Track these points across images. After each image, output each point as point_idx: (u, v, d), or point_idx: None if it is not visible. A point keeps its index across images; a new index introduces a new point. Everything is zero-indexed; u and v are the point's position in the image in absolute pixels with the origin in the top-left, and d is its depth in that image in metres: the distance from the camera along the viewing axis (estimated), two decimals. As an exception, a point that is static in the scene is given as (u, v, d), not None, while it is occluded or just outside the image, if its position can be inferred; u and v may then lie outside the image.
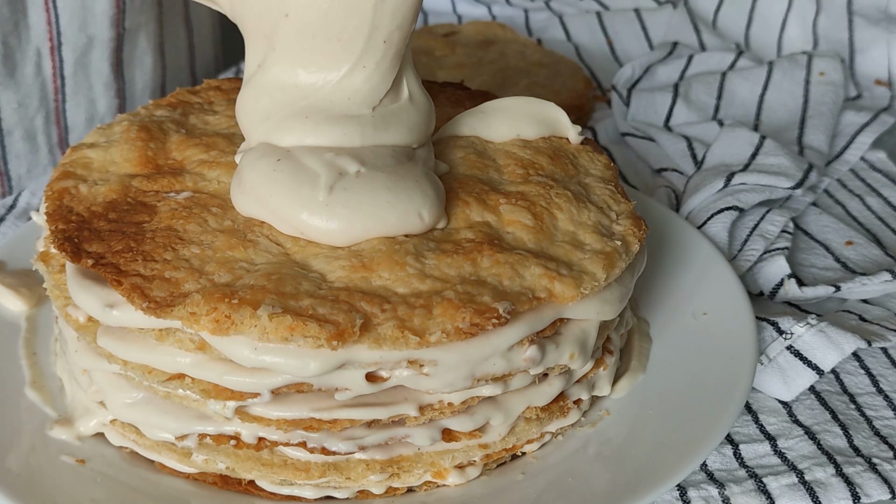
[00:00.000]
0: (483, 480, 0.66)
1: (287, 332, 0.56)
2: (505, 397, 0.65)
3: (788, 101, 1.10)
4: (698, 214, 0.90)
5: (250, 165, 0.64)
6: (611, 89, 1.16)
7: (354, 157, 0.63)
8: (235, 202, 0.65)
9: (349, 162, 0.63)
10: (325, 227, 0.62)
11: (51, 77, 0.97)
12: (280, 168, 0.63)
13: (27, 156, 0.99)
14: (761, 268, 0.86)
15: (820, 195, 1.00)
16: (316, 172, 0.62)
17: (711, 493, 0.67)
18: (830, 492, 0.67)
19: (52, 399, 0.70)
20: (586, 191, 0.70)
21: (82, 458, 0.66)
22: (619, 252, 0.65)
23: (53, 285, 0.67)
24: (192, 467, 0.65)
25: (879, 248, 0.92)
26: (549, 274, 0.62)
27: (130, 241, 0.62)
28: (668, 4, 1.34)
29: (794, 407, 0.75)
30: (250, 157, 0.64)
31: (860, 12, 1.18)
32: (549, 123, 0.75)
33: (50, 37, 0.93)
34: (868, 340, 0.77)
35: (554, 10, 1.38)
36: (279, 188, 0.62)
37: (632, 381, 0.72)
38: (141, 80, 1.07)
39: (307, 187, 0.62)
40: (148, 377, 0.61)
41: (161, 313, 0.58)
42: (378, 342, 0.57)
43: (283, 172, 0.62)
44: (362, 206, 0.62)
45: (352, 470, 0.64)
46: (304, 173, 0.62)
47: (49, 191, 0.68)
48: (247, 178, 0.64)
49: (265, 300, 0.58)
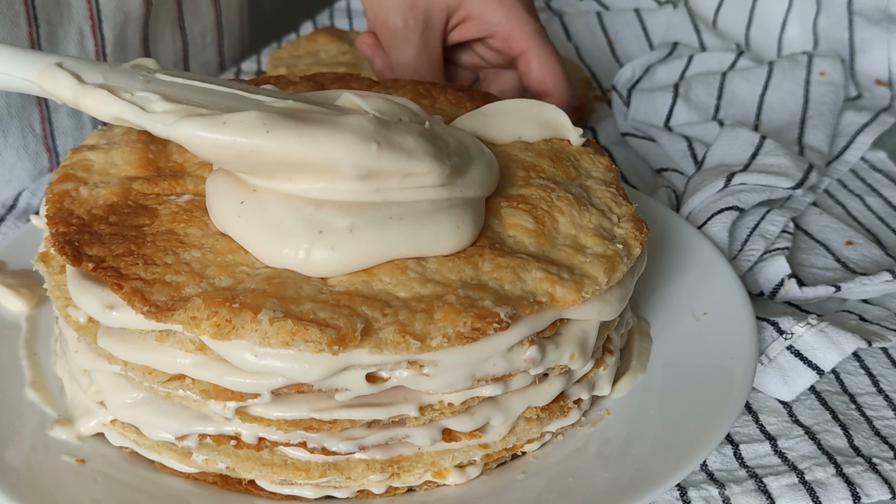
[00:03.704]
0: (483, 480, 0.66)
1: (288, 336, 0.56)
2: (505, 397, 0.65)
3: (788, 101, 1.10)
4: (698, 214, 0.90)
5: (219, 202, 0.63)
6: (611, 89, 1.16)
7: (342, 211, 0.61)
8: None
9: (337, 216, 0.61)
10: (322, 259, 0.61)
11: (93, 55, 0.99)
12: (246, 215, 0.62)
13: (73, 132, 1.01)
14: (761, 268, 0.86)
15: (820, 195, 1.00)
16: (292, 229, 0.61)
17: (711, 493, 0.67)
18: (831, 492, 0.67)
19: (53, 399, 0.70)
20: (588, 193, 0.70)
21: (82, 458, 0.66)
22: (621, 255, 0.65)
23: (54, 286, 0.67)
24: (193, 467, 0.65)
25: (879, 248, 0.92)
26: (551, 278, 0.62)
27: (131, 245, 0.62)
28: (669, 4, 1.34)
29: (794, 407, 0.75)
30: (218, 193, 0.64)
31: (860, 12, 1.18)
32: (550, 125, 0.75)
33: (90, 14, 0.95)
34: (868, 340, 0.77)
35: (554, 10, 1.38)
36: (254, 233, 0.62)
37: (632, 380, 0.72)
38: (163, 54, 1.09)
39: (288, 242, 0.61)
40: (148, 378, 0.61)
41: (162, 317, 0.58)
42: (379, 347, 0.57)
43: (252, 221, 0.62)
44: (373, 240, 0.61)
45: (352, 470, 0.64)
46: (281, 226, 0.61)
47: (49, 193, 0.67)
48: (216, 212, 0.64)
49: (266, 304, 0.58)
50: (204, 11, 1.18)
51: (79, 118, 1.01)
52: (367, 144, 0.60)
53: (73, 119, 1.01)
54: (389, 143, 0.61)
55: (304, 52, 1.20)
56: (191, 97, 0.62)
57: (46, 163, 1.02)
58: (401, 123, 0.64)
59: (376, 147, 0.60)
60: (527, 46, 0.90)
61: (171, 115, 0.60)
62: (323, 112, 0.64)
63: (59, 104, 0.97)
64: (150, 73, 0.64)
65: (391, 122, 0.63)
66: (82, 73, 0.62)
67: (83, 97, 0.61)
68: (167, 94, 0.62)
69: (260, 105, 0.63)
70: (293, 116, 0.61)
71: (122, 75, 0.63)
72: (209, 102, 0.62)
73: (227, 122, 0.59)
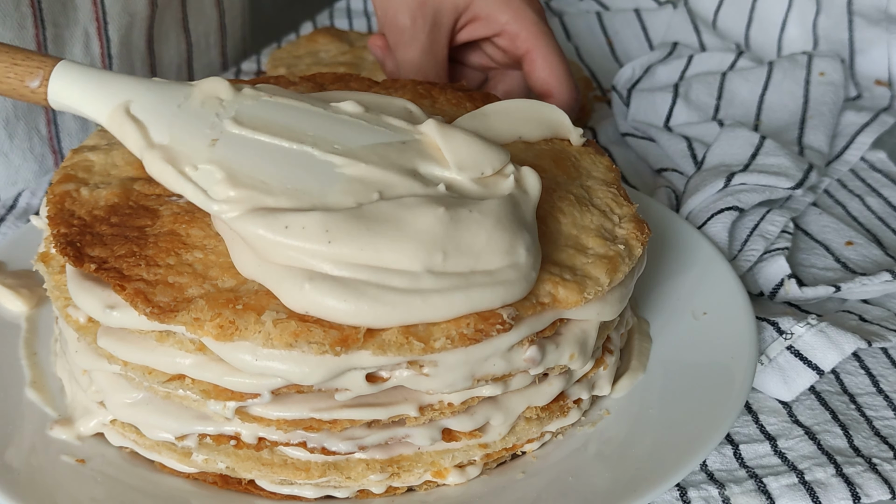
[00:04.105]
0: (483, 480, 0.66)
1: (291, 337, 0.56)
2: (505, 397, 0.65)
3: (788, 102, 1.10)
4: (698, 214, 0.90)
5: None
6: (611, 89, 1.16)
7: None
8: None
9: None
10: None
11: (99, 56, 0.99)
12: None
13: (78, 134, 1.02)
14: (761, 268, 0.86)
15: (820, 195, 1.00)
16: None
17: (711, 493, 0.67)
18: (830, 492, 0.67)
19: (53, 399, 0.70)
20: (589, 194, 0.70)
21: (82, 458, 0.66)
22: (622, 256, 0.65)
23: (54, 286, 0.66)
24: (193, 467, 0.65)
25: (879, 248, 0.92)
26: (553, 279, 0.62)
27: (133, 246, 0.62)
28: (668, 4, 1.34)
29: (794, 407, 0.75)
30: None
31: (860, 12, 1.18)
32: (550, 125, 0.75)
33: (96, 17, 0.96)
34: (868, 340, 0.77)
35: (554, 10, 1.38)
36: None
37: (632, 380, 0.72)
38: (167, 55, 1.10)
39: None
40: (148, 378, 0.61)
41: (165, 319, 0.58)
42: (382, 348, 0.57)
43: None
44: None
45: (352, 469, 0.64)
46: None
47: (50, 194, 0.67)
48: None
49: (269, 306, 0.58)
50: (208, 12, 1.19)
51: (84, 120, 1.01)
52: (432, 255, 0.58)
53: (79, 121, 1.01)
54: (458, 247, 0.58)
55: (304, 52, 1.20)
56: (254, 174, 0.61)
57: (52, 165, 1.02)
58: (476, 211, 0.60)
59: (441, 258, 0.58)
60: (532, 46, 0.91)
61: (234, 207, 0.59)
62: (393, 202, 0.60)
63: None
64: (221, 107, 0.64)
65: (464, 212, 0.59)
66: (150, 125, 0.63)
67: (148, 165, 0.62)
68: (231, 169, 0.61)
69: (326, 189, 0.60)
70: (357, 217, 0.58)
71: (191, 124, 0.63)
72: (275, 178, 0.61)
73: (289, 227, 0.58)
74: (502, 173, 0.64)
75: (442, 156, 0.64)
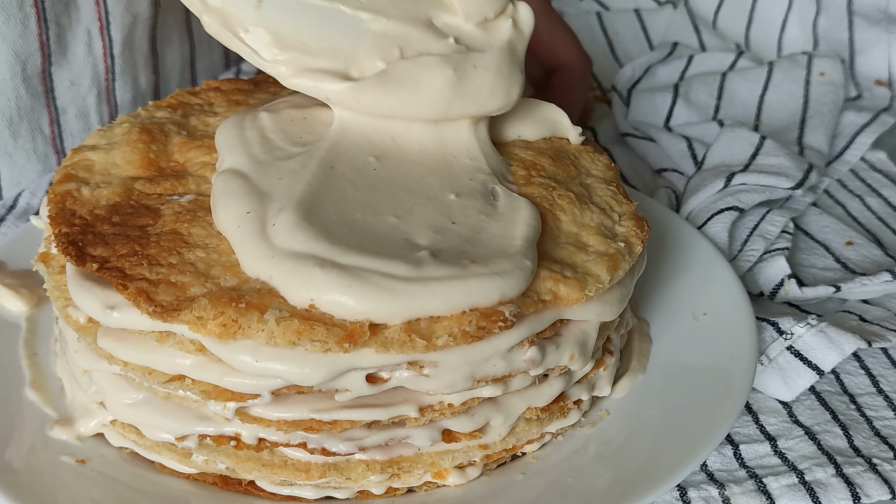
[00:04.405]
0: (483, 481, 0.66)
1: (295, 336, 0.56)
2: (505, 398, 0.65)
3: (788, 102, 1.10)
4: (698, 215, 0.90)
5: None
6: (611, 89, 1.16)
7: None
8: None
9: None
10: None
11: (101, 56, 1.00)
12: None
13: (81, 134, 1.02)
14: (761, 268, 0.86)
15: (820, 195, 1.00)
16: None
17: (711, 493, 0.67)
18: (831, 492, 0.67)
19: (53, 399, 0.70)
20: (588, 192, 0.70)
21: (82, 459, 0.66)
22: (623, 253, 0.65)
23: (54, 286, 0.66)
24: (193, 468, 0.65)
25: (879, 248, 0.92)
26: (554, 276, 0.62)
27: (135, 245, 0.62)
28: (668, 4, 1.34)
29: (794, 407, 0.75)
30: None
31: (860, 12, 1.18)
32: (549, 124, 0.75)
33: (99, 16, 0.96)
34: (868, 341, 0.77)
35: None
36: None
37: (632, 381, 0.72)
38: (170, 56, 1.10)
39: None
40: (148, 378, 0.61)
41: (168, 318, 0.58)
42: (385, 346, 0.57)
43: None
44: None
45: (352, 470, 0.64)
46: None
47: (51, 193, 0.67)
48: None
49: (272, 304, 0.58)
50: None
51: (87, 120, 1.02)
52: (448, 109, 0.68)
53: (82, 121, 1.01)
54: (464, 99, 0.68)
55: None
56: (297, 34, 0.67)
57: (55, 164, 1.02)
58: (480, 66, 0.68)
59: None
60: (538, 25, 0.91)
61: (283, 68, 0.67)
62: (411, 62, 0.68)
63: (66, 105, 0.98)
64: None
65: (469, 68, 0.68)
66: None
67: (207, 26, 0.68)
68: (277, 31, 0.67)
69: (357, 46, 0.68)
70: (384, 82, 0.67)
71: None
72: (314, 38, 0.67)
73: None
74: (504, 15, 0.71)
75: (452, 4, 0.70)
